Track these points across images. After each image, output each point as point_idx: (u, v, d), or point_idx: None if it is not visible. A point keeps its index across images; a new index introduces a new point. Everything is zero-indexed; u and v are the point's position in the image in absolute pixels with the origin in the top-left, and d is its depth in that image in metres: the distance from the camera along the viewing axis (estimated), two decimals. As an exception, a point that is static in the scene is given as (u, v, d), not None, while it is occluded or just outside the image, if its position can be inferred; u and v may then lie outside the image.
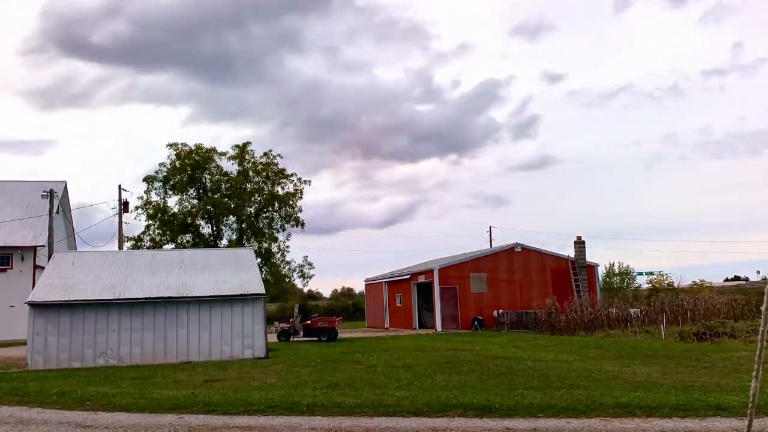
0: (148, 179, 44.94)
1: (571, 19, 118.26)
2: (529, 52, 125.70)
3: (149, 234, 44.56)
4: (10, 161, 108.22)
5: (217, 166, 46.39)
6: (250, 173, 46.66)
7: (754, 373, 3.44)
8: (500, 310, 34.96)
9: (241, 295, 21.12)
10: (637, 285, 52.51)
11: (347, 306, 62.34)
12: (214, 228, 46.30)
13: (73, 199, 44.44)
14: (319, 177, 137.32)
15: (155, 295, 20.59)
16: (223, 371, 16.30)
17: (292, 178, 47.28)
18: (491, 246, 51.62)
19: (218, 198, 45.16)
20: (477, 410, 9.25)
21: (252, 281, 22.06)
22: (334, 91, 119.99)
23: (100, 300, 20.09)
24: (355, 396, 10.70)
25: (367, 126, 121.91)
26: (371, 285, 47.57)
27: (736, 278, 74.35)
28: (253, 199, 46.45)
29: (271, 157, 47.38)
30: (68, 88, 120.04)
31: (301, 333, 29.87)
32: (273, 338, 27.62)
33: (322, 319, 31.52)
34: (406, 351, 20.76)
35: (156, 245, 43.66)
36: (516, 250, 37.63)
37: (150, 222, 44.52)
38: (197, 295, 20.85)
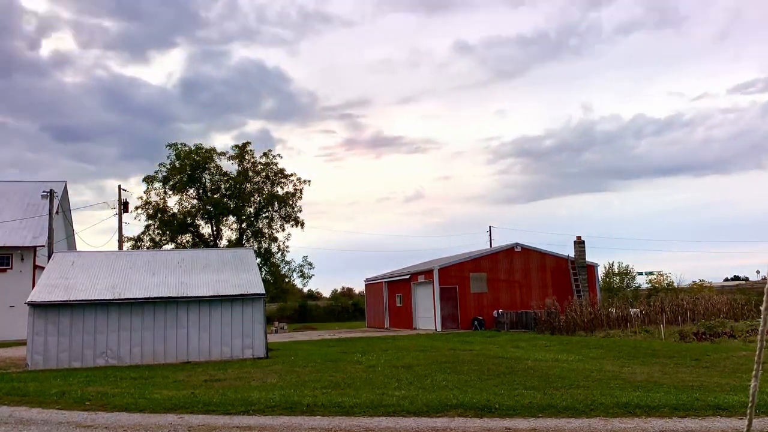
0: (148, 179, 45.03)
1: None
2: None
3: (149, 234, 44.62)
4: None
5: (217, 166, 46.49)
6: (250, 173, 46.71)
7: (753, 372, 3.44)
8: (500, 310, 34.96)
9: (241, 295, 21.12)
10: (636, 285, 52.55)
11: (347, 306, 62.29)
12: (214, 228, 46.37)
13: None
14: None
15: (155, 295, 20.59)
16: (223, 371, 16.30)
17: (291, 178, 47.41)
18: (491, 246, 51.65)
19: (218, 198, 45.21)
20: (477, 410, 9.25)
21: (252, 281, 22.07)
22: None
23: (100, 300, 20.08)
24: (355, 396, 10.70)
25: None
26: (371, 285, 47.56)
27: (736, 278, 74.39)
28: (253, 199, 46.50)
29: (271, 157, 47.49)
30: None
31: None
32: (273, 338, 27.64)
33: None
34: (406, 351, 20.76)
35: (156, 245, 43.71)
36: (516, 250, 37.63)
37: (150, 222, 44.59)
38: (197, 295, 20.85)
